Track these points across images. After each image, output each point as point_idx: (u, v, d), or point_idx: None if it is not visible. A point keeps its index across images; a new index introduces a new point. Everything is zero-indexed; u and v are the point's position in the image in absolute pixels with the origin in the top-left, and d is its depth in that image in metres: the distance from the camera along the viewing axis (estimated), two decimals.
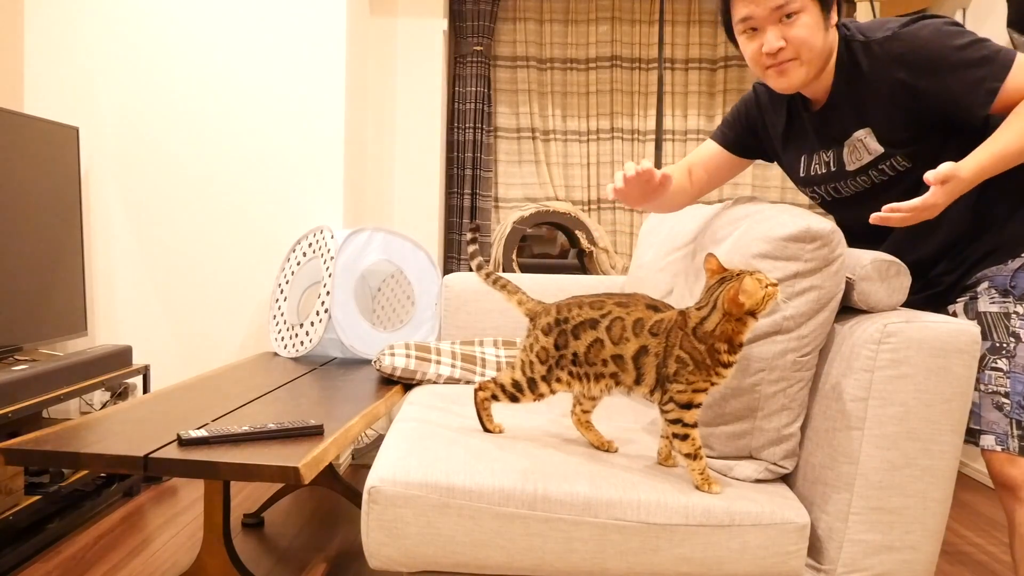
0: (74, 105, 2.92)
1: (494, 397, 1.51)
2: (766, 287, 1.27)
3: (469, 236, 1.61)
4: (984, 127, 1.39)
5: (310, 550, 2.19)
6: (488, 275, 1.56)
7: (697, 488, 1.33)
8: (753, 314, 1.29)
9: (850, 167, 1.52)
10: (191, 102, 2.94)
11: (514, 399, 1.49)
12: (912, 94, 1.39)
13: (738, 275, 1.29)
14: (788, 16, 1.41)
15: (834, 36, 1.47)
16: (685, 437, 1.33)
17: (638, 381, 1.38)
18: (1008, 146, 1.30)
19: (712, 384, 1.33)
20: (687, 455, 1.34)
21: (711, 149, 1.76)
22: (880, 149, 1.47)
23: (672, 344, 1.34)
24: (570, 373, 1.44)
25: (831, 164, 1.55)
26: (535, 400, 1.48)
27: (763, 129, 1.68)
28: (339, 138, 2.97)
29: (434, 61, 3.54)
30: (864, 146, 1.48)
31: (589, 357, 1.41)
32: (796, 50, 1.43)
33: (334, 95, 2.96)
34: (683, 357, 1.32)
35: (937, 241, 1.47)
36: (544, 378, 1.45)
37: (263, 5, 2.93)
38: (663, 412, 1.36)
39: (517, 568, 1.29)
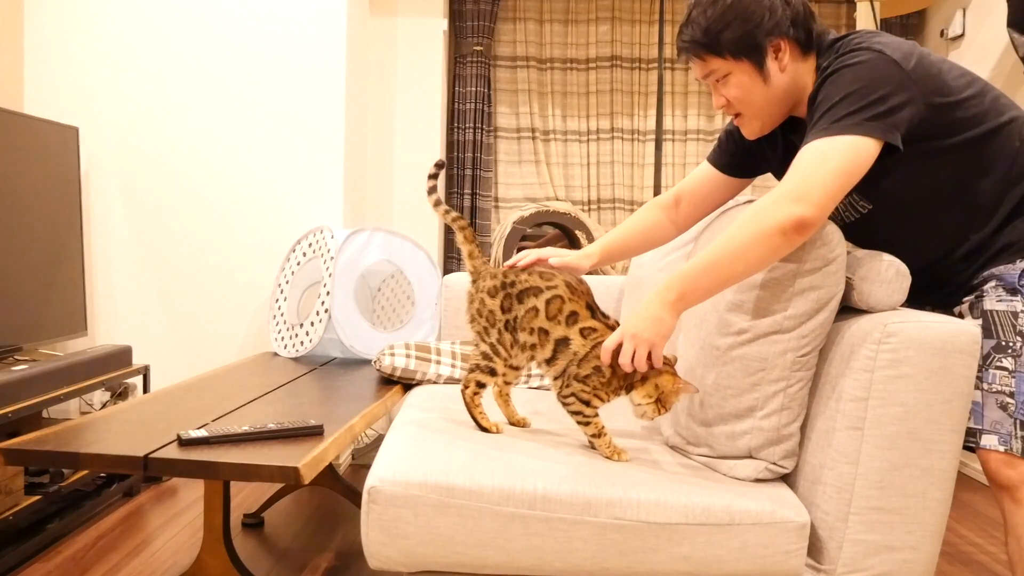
0: (74, 105, 2.92)
1: (479, 385, 1.54)
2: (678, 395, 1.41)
3: (432, 171, 1.63)
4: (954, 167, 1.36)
5: (310, 550, 2.19)
6: (447, 212, 1.61)
7: (608, 459, 1.43)
8: (662, 400, 1.40)
9: None
10: (191, 102, 2.94)
11: (492, 372, 1.53)
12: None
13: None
14: (719, 79, 1.43)
15: (797, 72, 1.41)
16: (588, 423, 1.45)
17: (549, 363, 1.48)
18: (698, 266, 1.30)
19: (608, 400, 1.43)
20: (593, 435, 1.45)
21: (707, 173, 1.69)
22: None
23: (597, 355, 1.41)
24: (511, 340, 1.51)
25: None
26: (506, 366, 1.53)
27: (757, 147, 1.63)
28: (339, 138, 2.97)
29: (434, 61, 3.54)
30: None
31: (523, 323, 1.49)
32: (736, 107, 1.46)
33: (334, 95, 2.96)
34: (603, 368, 1.41)
35: (948, 244, 1.45)
36: (500, 341, 1.52)
37: (263, 5, 2.93)
38: (564, 403, 1.46)
39: (517, 568, 1.29)
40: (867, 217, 1.46)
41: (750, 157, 1.63)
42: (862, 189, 1.41)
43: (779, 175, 1.61)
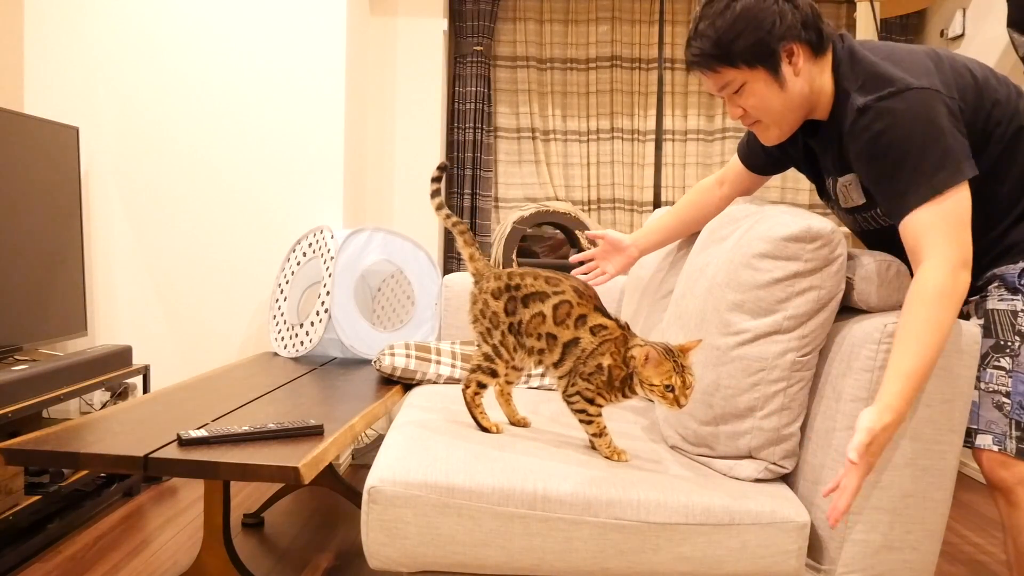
0: (74, 105, 2.92)
1: (480, 385, 1.54)
2: (669, 375, 1.35)
3: (435, 174, 1.64)
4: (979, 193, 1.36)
5: (310, 550, 2.19)
6: (448, 216, 1.63)
7: (607, 458, 1.44)
8: (643, 383, 1.38)
9: (844, 204, 1.51)
10: (191, 102, 2.94)
11: (494, 373, 1.54)
12: (864, 168, 1.36)
13: (668, 353, 1.37)
14: (735, 90, 1.42)
15: (812, 74, 1.40)
16: (591, 422, 1.45)
17: (557, 365, 1.48)
18: (916, 367, 1.20)
19: (611, 401, 1.44)
20: (594, 435, 1.46)
21: (737, 166, 1.76)
22: (863, 199, 1.45)
23: (602, 352, 1.42)
24: (516, 343, 1.51)
25: (831, 192, 1.54)
26: (508, 367, 1.53)
27: (780, 150, 1.65)
28: (339, 138, 2.97)
29: (434, 61, 3.54)
30: (850, 192, 1.47)
31: (528, 328, 1.49)
32: (754, 116, 1.45)
33: (334, 95, 2.96)
34: (604, 366, 1.41)
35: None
36: (503, 343, 1.52)
37: (263, 5, 2.93)
38: (568, 402, 1.47)
39: (517, 568, 1.29)
40: (886, 227, 1.46)
41: (769, 156, 1.69)
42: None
43: (804, 173, 1.64)
